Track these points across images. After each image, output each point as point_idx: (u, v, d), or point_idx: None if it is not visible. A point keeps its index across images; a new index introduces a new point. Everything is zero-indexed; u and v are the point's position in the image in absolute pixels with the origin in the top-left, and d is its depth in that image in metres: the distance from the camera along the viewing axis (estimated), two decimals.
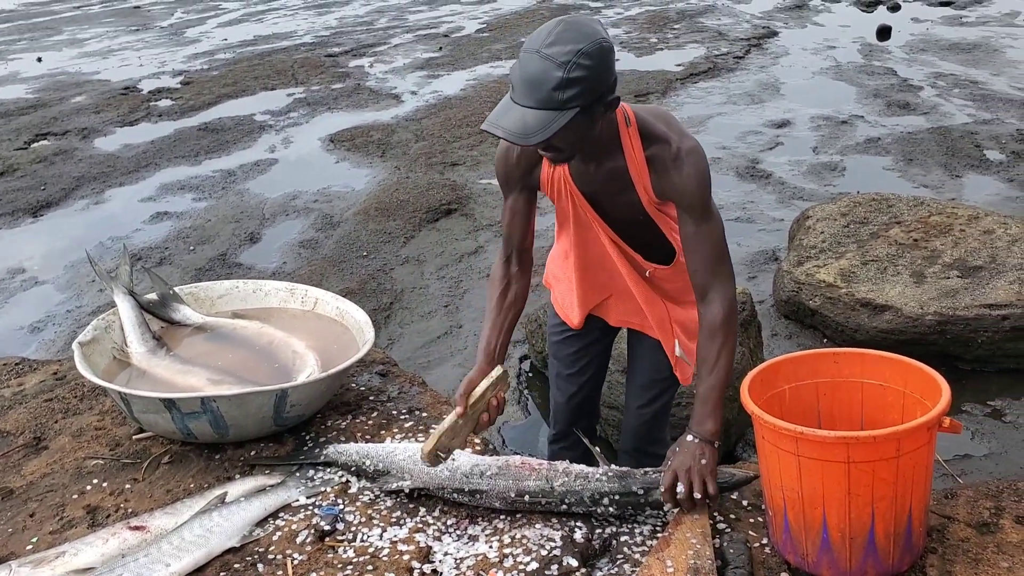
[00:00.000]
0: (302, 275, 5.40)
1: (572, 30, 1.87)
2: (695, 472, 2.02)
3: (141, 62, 12.38)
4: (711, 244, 2.13)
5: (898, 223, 4.67)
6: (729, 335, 2.12)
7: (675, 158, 2.08)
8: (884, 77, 8.94)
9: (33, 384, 3.00)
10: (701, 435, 2.08)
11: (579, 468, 2.14)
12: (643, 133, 2.10)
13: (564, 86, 1.84)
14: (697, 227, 2.12)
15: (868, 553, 1.84)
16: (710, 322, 2.13)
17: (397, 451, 2.25)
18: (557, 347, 2.65)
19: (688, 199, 2.10)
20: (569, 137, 1.93)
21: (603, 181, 2.17)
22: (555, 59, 1.84)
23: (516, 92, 1.89)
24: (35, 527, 2.24)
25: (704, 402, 2.11)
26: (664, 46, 10.91)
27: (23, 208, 7.01)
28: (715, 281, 2.13)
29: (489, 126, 1.90)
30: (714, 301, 2.13)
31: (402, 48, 11.98)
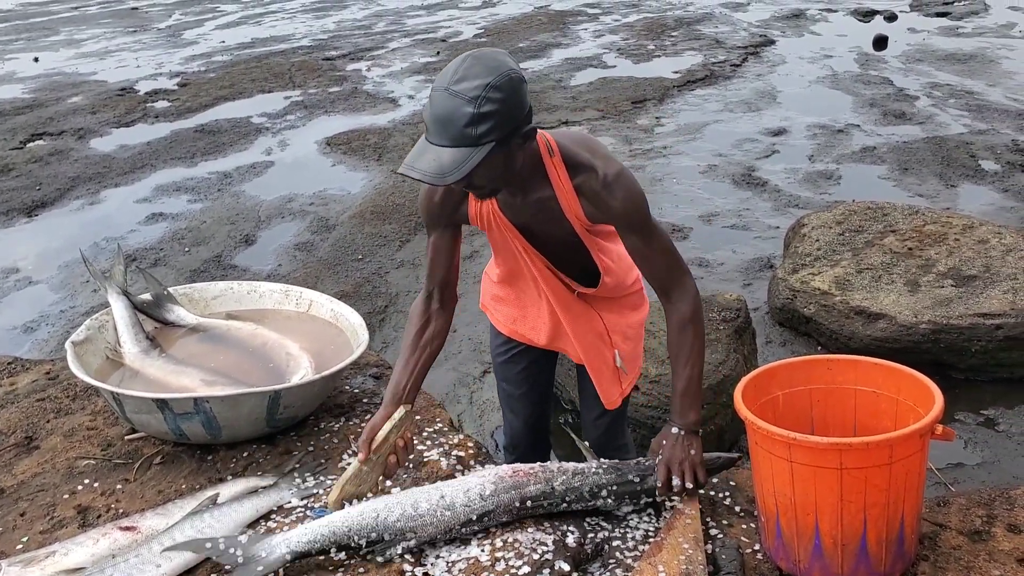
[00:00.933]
0: (297, 277, 5.40)
1: (479, 64, 1.84)
2: (687, 464, 2.10)
3: (138, 63, 12.38)
4: (664, 254, 2.16)
5: (893, 232, 4.68)
6: (699, 326, 2.18)
7: (604, 185, 2.06)
8: (880, 87, 8.97)
9: (25, 383, 2.99)
10: (685, 427, 2.14)
11: (572, 465, 2.15)
12: (568, 162, 2.09)
13: (476, 121, 1.80)
14: (646, 243, 2.13)
15: (860, 560, 1.84)
16: (680, 318, 2.17)
17: (383, 512, 2.00)
18: (505, 368, 2.65)
19: (628, 220, 2.11)
20: (488, 173, 1.90)
21: (533, 211, 2.16)
22: (464, 95, 1.80)
23: (430, 132, 1.84)
24: (25, 526, 2.23)
25: (684, 394, 2.15)
26: (661, 53, 10.94)
27: (18, 208, 7.00)
28: (674, 283, 2.17)
29: (405, 169, 1.85)
30: (680, 299, 2.17)
31: (400, 52, 11.99)
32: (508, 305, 2.53)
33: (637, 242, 2.13)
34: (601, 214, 2.11)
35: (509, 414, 2.73)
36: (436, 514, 2.00)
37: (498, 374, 2.70)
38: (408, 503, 2.01)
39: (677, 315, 2.16)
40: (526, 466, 2.13)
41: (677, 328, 2.17)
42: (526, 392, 2.66)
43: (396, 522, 1.99)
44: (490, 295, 2.59)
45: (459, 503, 2.02)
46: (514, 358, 2.61)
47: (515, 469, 2.12)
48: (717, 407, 3.47)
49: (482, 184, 1.95)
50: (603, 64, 10.53)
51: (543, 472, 2.11)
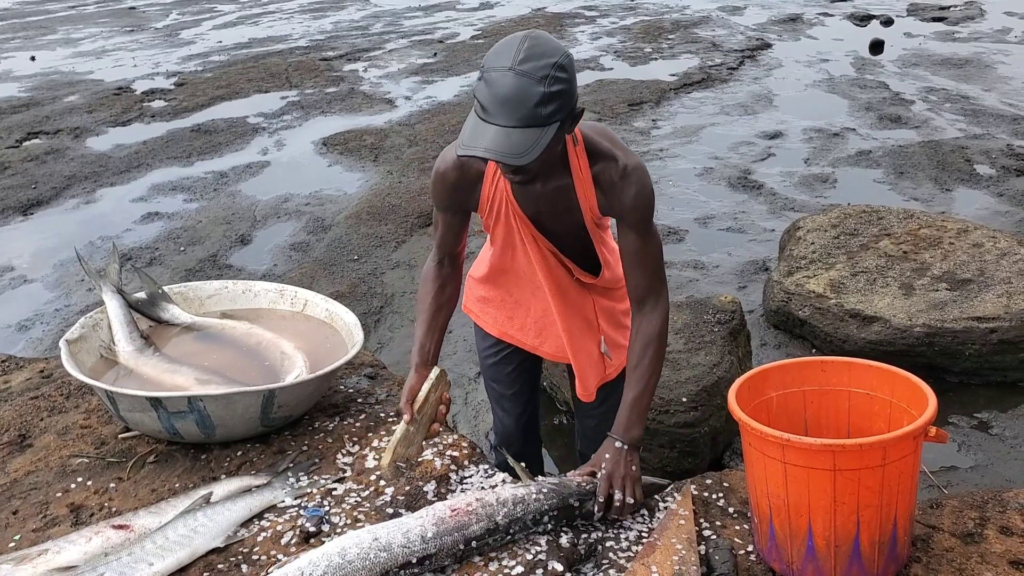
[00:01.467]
0: (293, 277, 5.39)
1: (541, 44, 1.84)
2: (628, 480, 2.09)
3: (135, 63, 12.37)
4: (652, 259, 2.17)
5: (888, 235, 4.69)
6: (662, 346, 2.19)
7: (623, 176, 2.08)
8: (876, 91, 8.99)
9: (19, 382, 2.99)
10: (629, 442, 2.14)
11: (511, 492, 2.06)
12: (589, 151, 2.11)
13: (546, 101, 1.81)
14: (641, 243, 2.14)
15: (853, 561, 1.84)
16: (646, 333, 2.18)
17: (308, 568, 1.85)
18: (494, 369, 2.65)
19: (634, 216, 2.12)
20: (545, 154, 1.90)
21: (547, 200, 2.17)
22: (533, 75, 1.80)
23: (491, 112, 1.83)
24: (18, 524, 2.22)
25: (632, 408, 2.15)
26: (658, 56, 10.95)
27: (13, 206, 6.99)
28: (653, 292, 2.18)
29: (469, 150, 1.83)
30: (652, 312, 2.18)
31: (397, 53, 11.99)
32: (494, 306, 2.53)
33: (634, 241, 2.14)
34: (611, 205, 2.13)
35: (500, 412, 2.74)
36: (369, 557, 1.87)
37: (487, 375, 2.70)
38: (334, 551, 1.87)
39: (646, 328, 2.18)
40: (463, 502, 2.02)
41: (642, 343, 2.18)
42: (517, 391, 2.67)
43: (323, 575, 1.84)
44: (475, 297, 2.59)
45: (396, 544, 1.90)
46: (504, 359, 2.62)
47: (454, 508, 2.00)
48: (711, 409, 3.48)
49: (535, 167, 1.94)
50: (600, 66, 10.54)
51: (483, 508, 2.01)
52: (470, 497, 2.05)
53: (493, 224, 2.30)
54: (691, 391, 3.46)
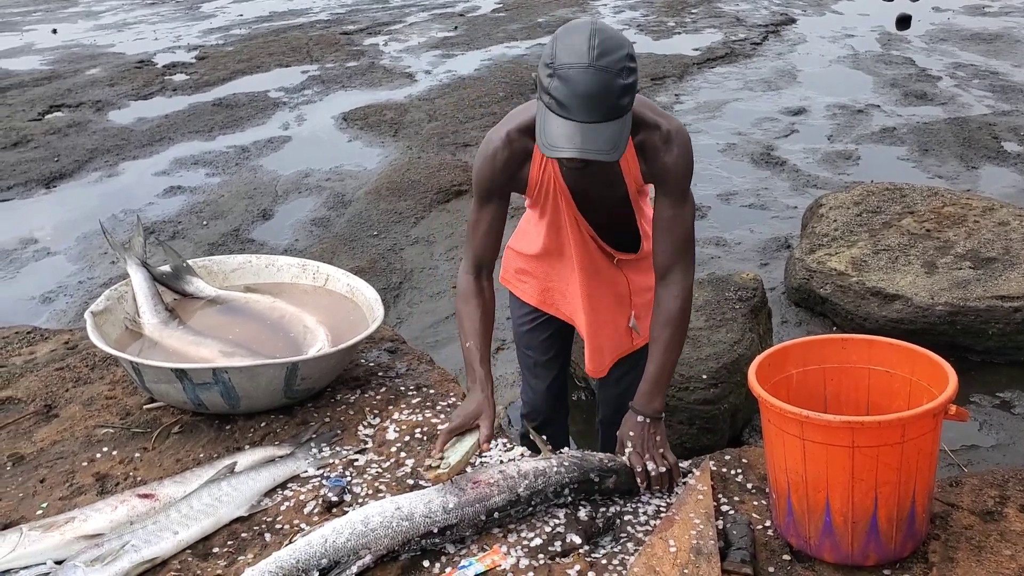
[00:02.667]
0: (313, 252, 5.42)
1: (611, 37, 1.86)
2: (656, 449, 2.13)
3: (156, 36, 12.39)
4: (683, 228, 2.17)
5: (911, 213, 4.65)
6: (684, 319, 2.20)
7: (666, 140, 2.10)
8: (902, 67, 8.88)
9: (44, 353, 3.03)
10: (650, 414, 2.16)
11: (533, 465, 2.08)
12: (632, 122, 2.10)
13: (625, 92, 1.86)
14: (674, 209, 2.15)
15: (870, 537, 1.85)
16: (668, 306, 2.18)
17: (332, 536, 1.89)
18: (529, 336, 2.65)
19: (673, 180, 2.13)
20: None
21: (592, 177, 2.17)
22: (612, 69, 1.83)
23: (573, 110, 1.84)
24: (45, 493, 2.26)
25: (654, 382, 2.17)
26: (682, 30, 10.86)
27: (36, 179, 7.05)
28: (679, 265, 2.18)
29: (557, 151, 1.85)
30: (674, 284, 2.18)
31: (417, 27, 11.95)
32: (535, 279, 2.54)
33: (669, 207, 2.14)
34: (653, 171, 2.13)
35: (533, 380, 2.72)
36: (392, 525, 1.90)
37: (522, 342, 2.70)
38: (358, 520, 1.91)
39: (668, 301, 2.18)
40: (485, 474, 2.04)
41: (664, 319, 2.18)
42: (551, 358, 2.68)
43: (346, 542, 1.87)
44: (513, 269, 2.60)
45: (419, 514, 1.93)
46: (540, 326, 2.62)
47: (476, 480, 2.02)
48: (731, 386, 3.48)
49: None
50: None
51: (505, 480, 2.03)
52: (492, 470, 2.07)
53: (542, 203, 2.29)
54: (711, 368, 3.46)
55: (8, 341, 3.14)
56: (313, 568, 1.85)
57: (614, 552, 1.95)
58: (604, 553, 1.95)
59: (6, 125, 8.35)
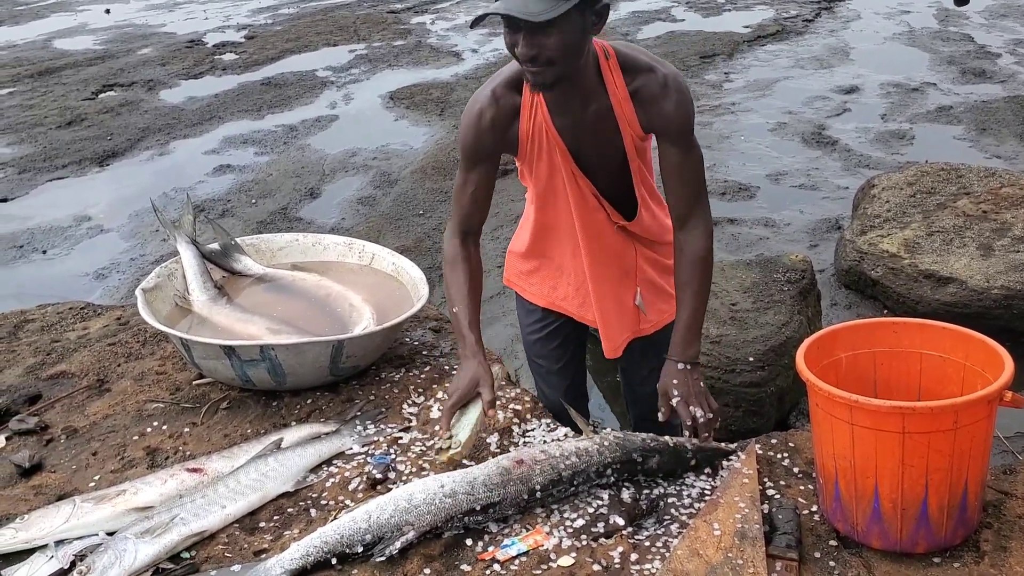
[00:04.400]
0: (360, 231, 5.46)
1: None
2: (702, 396, 2.15)
3: (206, 15, 12.52)
4: (693, 174, 2.15)
5: (967, 194, 4.54)
6: (709, 262, 2.19)
7: (663, 86, 2.06)
8: (960, 43, 8.66)
9: (97, 328, 3.09)
10: (688, 360, 2.17)
11: (575, 445, 2.07)
12: (624, 66, 2.07)
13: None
14: (682, 157, 2.13)
15: (920, 525, 1.82)
16: (693, 250, 2.17)
17: (375, 512, 1.90)
18: (539, 345, 2.60)
19: (675, 128, 2.10)
20: (563, 40, 1.90)
21: (587, 126, 2.13)
22: None
23: None
24: (98, 466, 2.31)
25: (689, 327, 2.17)
26: (732, 7, 10.69)
27: (90, 157, 7.17)
28: (697, 209, 2.17)
29: (503, 9, 1.87)
30: (696, 228, 2.17)
31: (464, 5, 11.92)
32: (538, 277, 2.50)
33: (675, 155, 2.12)
34: (652, 120, 2.10)
35: (546, 389, 2.67)
36: (435, 503, 1.90)
37: (532, 351, 2.65)
38: (402, 497, 1.91)
39: (692, 246, 2.17)
40: (528, 454, 2.04)
41: (689, 263, 2.18)
42: (563, 367, 2.62)
43: (390, 519, 1.87)
44: (516, 272, 2.55)
45: (461, 492, 1.93)
46: (550, 334, 2.57)
47: (519, 459, 2.01)
48: (778, 369, 3.44)
49: (556, 54, 1.92)
50: (671, 17, 10.33)
51: (547, 460, 2.02)
52: (535, 449, 2.06)
53: (536, 163, 2.23)
54: (758, 350, 3.42)
55: (63, 316, 3.20)
56: (357, 543, 1.86)
57: (657, 534, 1.94)
58: (647, 535, 1.94)
59: (61, 104, 8.50)
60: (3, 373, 2.81)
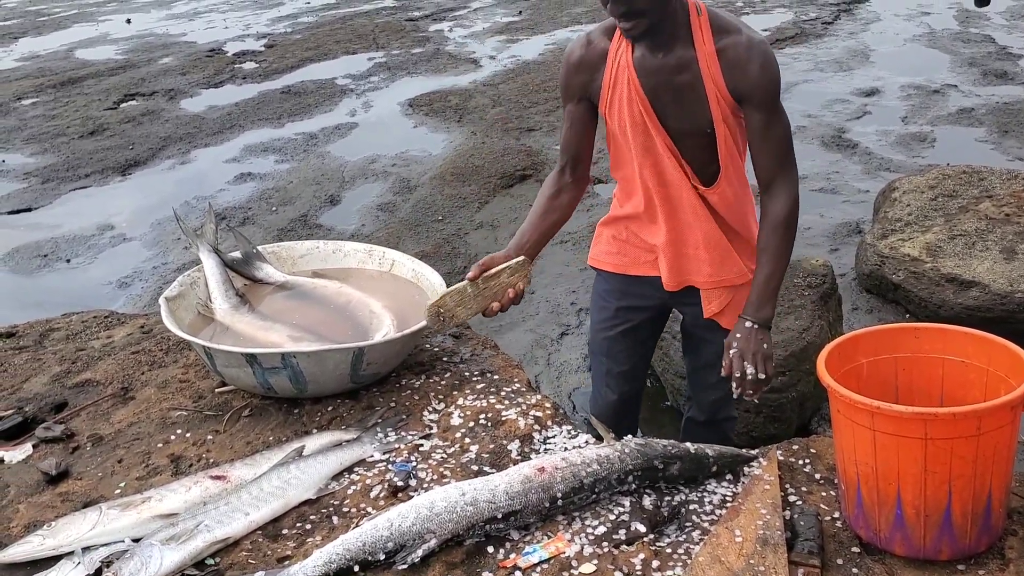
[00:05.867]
0: (379, 237, 5.48)
1: None
2: (760, 356, 2.14)
3: (226, 25, 12.61)
4: (780, 139, 2.17)
5: (989, 197, 4.51)
6: (791, 227, 2.21)
7: (748, 48, 2.08)
8: (981, 45, 8.60)
9: (121, 336, 3.12)
10: (760, 320, 2.18)
11: (596, 452, 2.07)
12: (714, 25, 2.09)
13: None
14: (768, 122, 2.14)
15: (944, 531, 1.81)
16: (775, 214, 2.19)
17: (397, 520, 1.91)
18: (609, 343, 2.60)
19: (761, 92, 2.11)
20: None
21: (669, 77, 2.13)
22: None
23: None
24: (123, 473, 2.33)
25: (765, 288, 2.19)
26: (750, 10, 10.66)
27: (112, 167, 7.24)
28: (782, 174, 2.19)
29: None
30: (780, 194, 2.19)
31: (482, 12, 11.95)
32: (618, 245, 2.49)
33: (760, 121, 2.13)
34: (736, 82, 2.10)
35: (604, 389, 2.66)
36: (456, 510, 1.91)
37: (599, 349, 2.64)
38: (423, 504, 1.92)
39: (776, 209, 2.19)
40: (550, 462, 2.03)
41: (771, 227, 2.19)
42: (628, 370, 2.61)
43: (411, 526, 1.89)
44: (600, 250, 2.56)
45: (483, 500, 1.93)
46: (620, 335, 2.57)
47: (540, 467, 2.01)
48: (799, 374, 3.43)
49: (644, 5, 1.98)
50: None
51: (569, 467, 2.01)
52: (556, 457, 2.06)
53: (617, 112, 2.24)
54: (779, 356, 3.41)
55: (87, 325, 3.24)
56: (379, 551, 1.87)
57: (679, 541, 1.93)
58: (669, 542, 1.93)
59: (83, 114, 8.59)
60: (29, 382, 2.84)
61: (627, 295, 2.53)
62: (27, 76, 10.31)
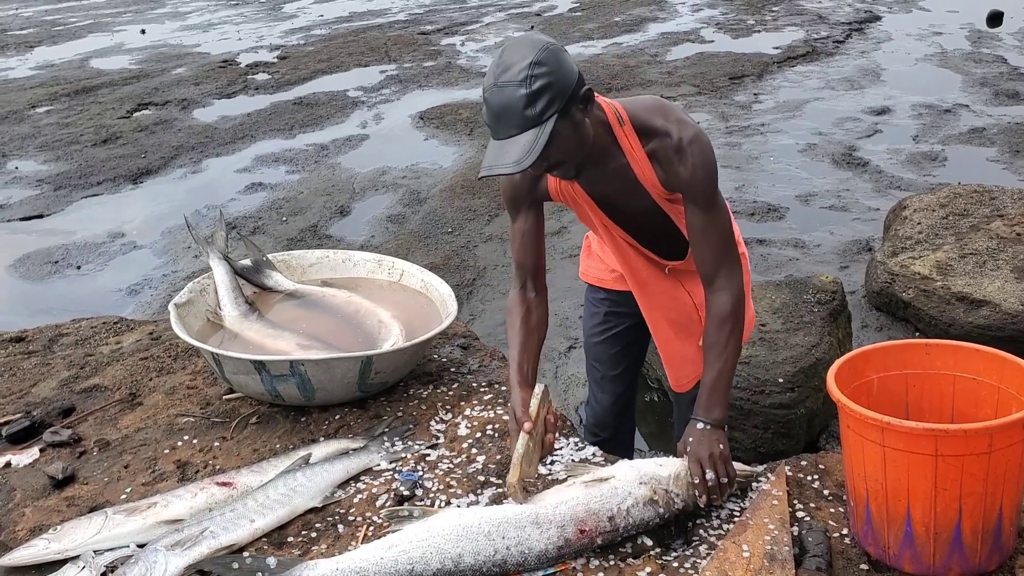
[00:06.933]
0: (389, 248, 5.48)
1: (516, 49, 1.87)
2: (717, 460, 2.03)
3: (240, 36, 12.69)
4: (718, 234, 2.11)
5: (1000, 216, 4.49)
6: (737, 323, 2.13)
7: (677, 150, 2.04)
8: (993, 65, 8.59)
9: (130, 342, 3.12)
10: (712, 422, 2.08)
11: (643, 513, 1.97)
12: (639, 129, 2.07)
13: (532, 101, 1.83)
14: (704, 217, 2.09)
15: (953, 549, 1.79)
16: (719, 311, 2.12)
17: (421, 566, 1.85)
18: (599, 348, 2.63)
19: (695, 189, 2.07)
20: (563, 146, 1.91)
21: (610, 182, 2.14)
22: (513, 81, 1.83)
23: (494, 130, 1.89)
24: (129, 478, 2.33)
25: (714, 389, 2.10)
26: (762, 28, 10.69)
27: (124, 175, 7.27)
28: (722, 270, 2.12)
29: (485, 171, 1.89)
30: (722, 290, 2.12)
31: (494, 27, 12.00)
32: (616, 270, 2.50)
33: (697, 216, 2.09)
34: (671, 181, 2.09)
35: (599, 394, 2.69)
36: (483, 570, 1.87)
37: (591, 354, 2.68)
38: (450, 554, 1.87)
39: (718, 306, 2.12)
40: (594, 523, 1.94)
41: (716, 322, 2.11)
42: (620, 373, 2.64)
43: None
44: (594, 265, 2.58)
45: (513, 560, 1.88)
46: (610, 339, 2.59)
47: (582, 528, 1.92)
48: (808, 390, 3.41)
49: (561, 159, 1.96)
50: (700, 39, 10.34)
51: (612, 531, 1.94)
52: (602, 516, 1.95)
53: (574, 210, 2.28)
54: (788, 372, 3.39)
55: (96, 331, 3.25)
56: None
57: (686, 555, 1.92)
58: (675, 556, 1.92)
59: (96, 123, 8.64)
60: (38, 386, 2.85)
61: (615, 303, 2.56)
62: (42, 84, 10.38)
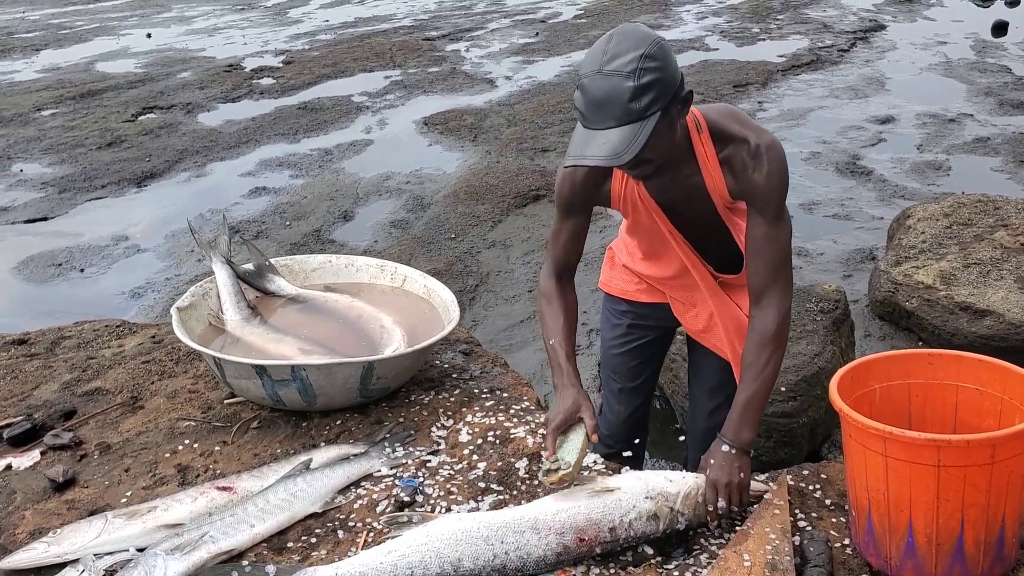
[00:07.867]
0: (392, 253, 5.48)
1: (626, 39, 1.83)
2: (734, 488, 1.99)
3: (245, 41, 12.71)
4: (778, 248, 2.06)
5: (1004, 226, 4.49)
6: (780, 345, 2.07)
7: (755, 155, 2.01)
8: (997, 75, 8.59)
9: (132, 346, 3.12)
10: (738, 445, 2.03)
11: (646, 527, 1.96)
12: (715, 135, 2.04)
13: (638, 94, 1.79)
14: (768, 229, 2.05)
15: (956, 561, 1.78)
16: (762, 330, 2.06)
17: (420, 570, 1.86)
18: (619, 360, 2.58)
19: (764, 198, 2.03)
20: (657, 145, 1.87)
21: (677, 190, 2.11)
22: (620, 71, 1.79)
23: (589, 119, 1.83)
24: (129, 482, 2.33)
25: (745, 410, 2.05)
26: (766, 36, 10.69)
27: (128, 178, 7.29)
28: (774, 287, 2.07)
29: (575, 160, 1.84)
30: (770, 307, 2.07)
31: (499, 33, 12.01)
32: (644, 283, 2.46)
33: (761, 227, 2.04)
34: (742, 188, 2.05)
35: (616, 406, 2.64)
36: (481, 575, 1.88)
37: (609, 365, 2.62)
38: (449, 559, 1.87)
39: (763, 324, 2.07)
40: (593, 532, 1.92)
41: (758, 342, 2.06)
42: (638, 386, 2.60)
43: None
44: (619, 276, 2.53)
45: (512, 566, 1.88)
46: (632, 351, 2.55)
47: (581, 537, 1.91)
48: (811, 399, 3.40)
49: (651, 158, 1.90)
50: (705, 47, 10.34)
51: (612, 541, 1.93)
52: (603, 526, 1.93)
53: (633, 217, 2.24)
54: (790, 381, 3.39)
55: (98, 334, 3.25)
56: None
57: (687, 564, 1.92)
58: (676, 565, 1.92)
59: (102, 126, 8.66)
60: (39, 389, 2.85)
61: (639, 315, 2.53)
62: (47, 87, 10.41)
